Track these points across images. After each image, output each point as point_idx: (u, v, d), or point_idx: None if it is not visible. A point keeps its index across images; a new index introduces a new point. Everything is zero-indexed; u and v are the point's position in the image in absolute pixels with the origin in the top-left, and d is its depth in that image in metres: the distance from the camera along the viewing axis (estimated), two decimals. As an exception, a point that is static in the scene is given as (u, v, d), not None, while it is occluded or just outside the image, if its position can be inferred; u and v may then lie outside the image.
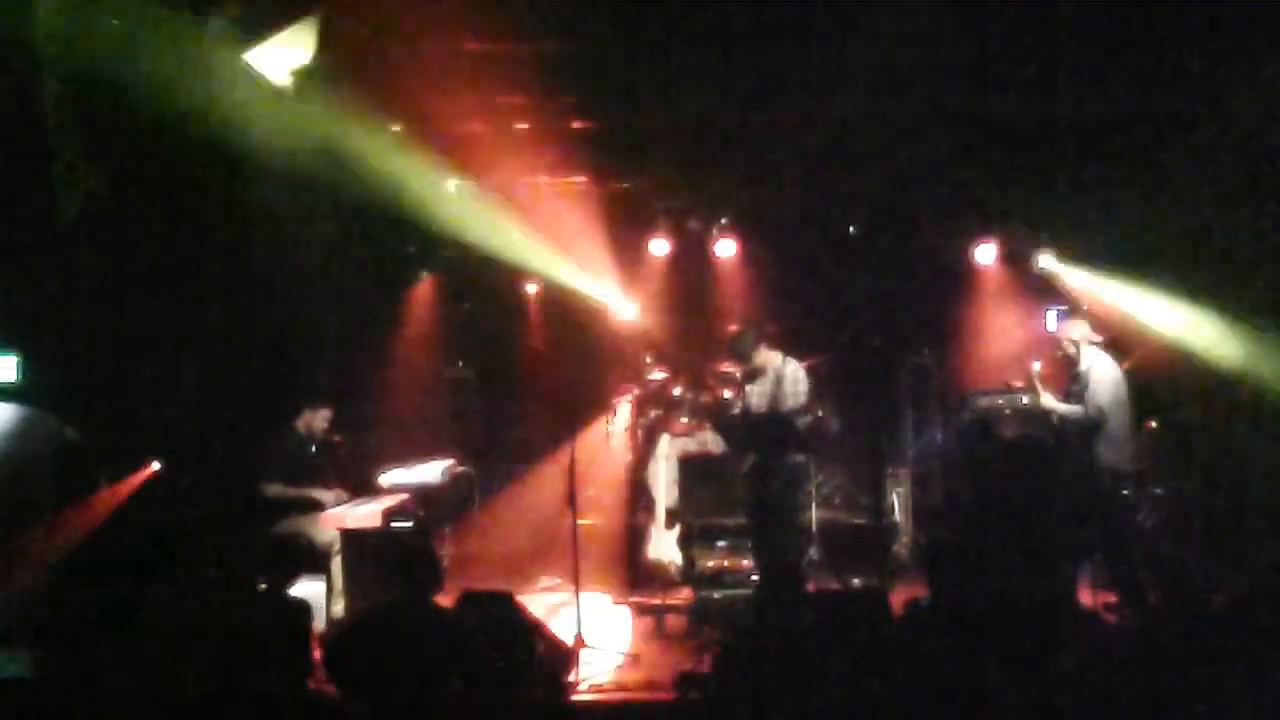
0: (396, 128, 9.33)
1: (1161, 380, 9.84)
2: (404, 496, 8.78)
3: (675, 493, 9.73)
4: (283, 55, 8.06)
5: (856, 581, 8.72)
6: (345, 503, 8.40)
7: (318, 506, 8.26)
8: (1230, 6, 7.92)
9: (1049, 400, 8.20)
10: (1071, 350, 8.15)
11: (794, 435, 8.15)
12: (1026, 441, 8.58)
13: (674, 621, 8.49)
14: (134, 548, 7.44)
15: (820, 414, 8.86)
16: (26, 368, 7.83)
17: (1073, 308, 9.83)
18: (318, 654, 5.99)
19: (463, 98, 9.17)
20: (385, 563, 7.45)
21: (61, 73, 7.33)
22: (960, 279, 11.06)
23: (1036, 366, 8.36)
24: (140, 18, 7.28)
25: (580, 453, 8.12)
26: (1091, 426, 7.91)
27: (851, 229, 10.96)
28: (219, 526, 7.89)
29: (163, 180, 7.86)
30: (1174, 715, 5.24)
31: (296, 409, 8.70)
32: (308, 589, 7.71)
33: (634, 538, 9.94)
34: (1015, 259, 10.84)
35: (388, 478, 8.96)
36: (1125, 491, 9.69)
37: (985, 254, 10.86)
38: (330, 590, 7.95)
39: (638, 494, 10.09)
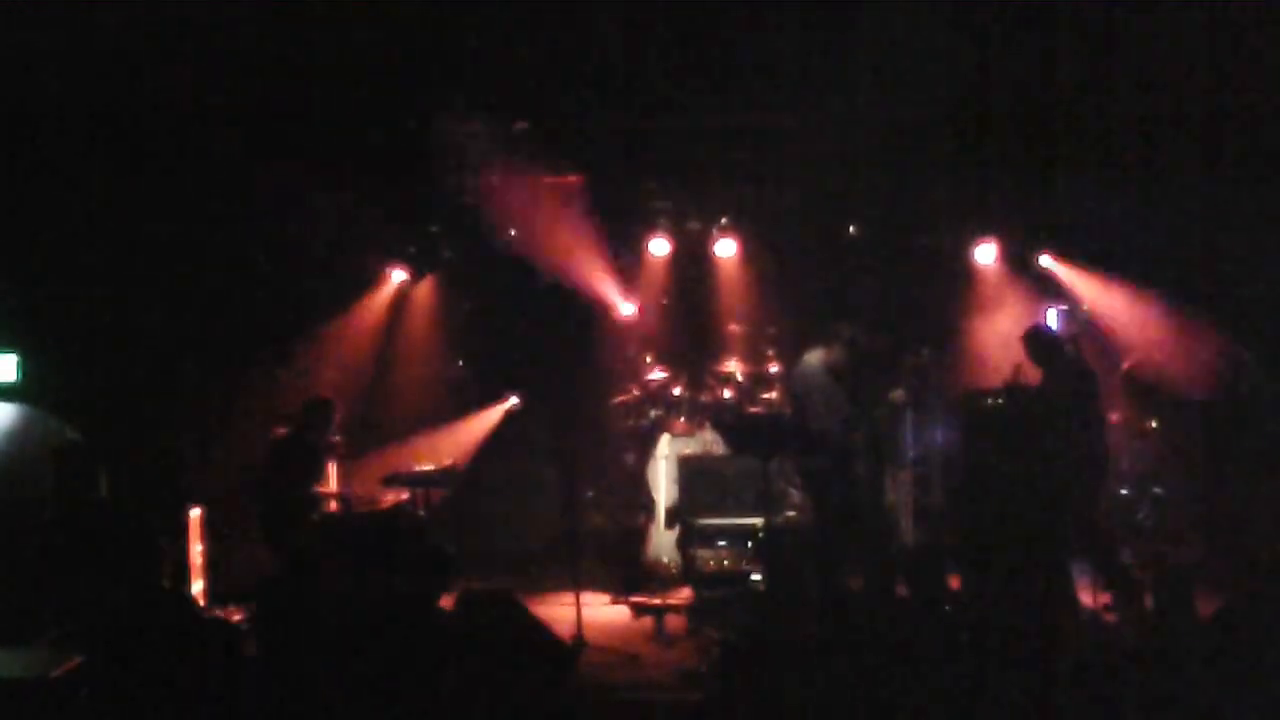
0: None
1: (1161, 380, 9.87)
2: (404, 496, 8.79)
3: (675, 493, 9.72)
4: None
5: (856, 581, 8.71)
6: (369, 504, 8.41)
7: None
8: (1230, 6, 7.93)
9: None
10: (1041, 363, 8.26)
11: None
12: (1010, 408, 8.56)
13: (674, 621, 8.49)
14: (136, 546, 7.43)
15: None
16: (26, 368, 7.84)
17: (1072, 308, 9.86)
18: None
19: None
20: (388, 560, 7.46)
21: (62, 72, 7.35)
22: (960, 279, 11.06)
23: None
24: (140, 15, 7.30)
25: (580, 453, 8.12)
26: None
27: (852, 229, 10.95)
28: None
29: (163, 180, 7.88)
30: (1174, 715, 5.24)
31: (294, 410, 8.70)
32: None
33: (634, 538, 9.94)
34: (1015, 259, 10.84)
35: (388, 478, 8.96)
36: (1124, 491, 9.74)
37: (985, 254, 10.85)
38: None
39: (638, 494, 10.09)
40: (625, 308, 11.21)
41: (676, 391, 10.35)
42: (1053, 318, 10.24)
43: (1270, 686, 5.10)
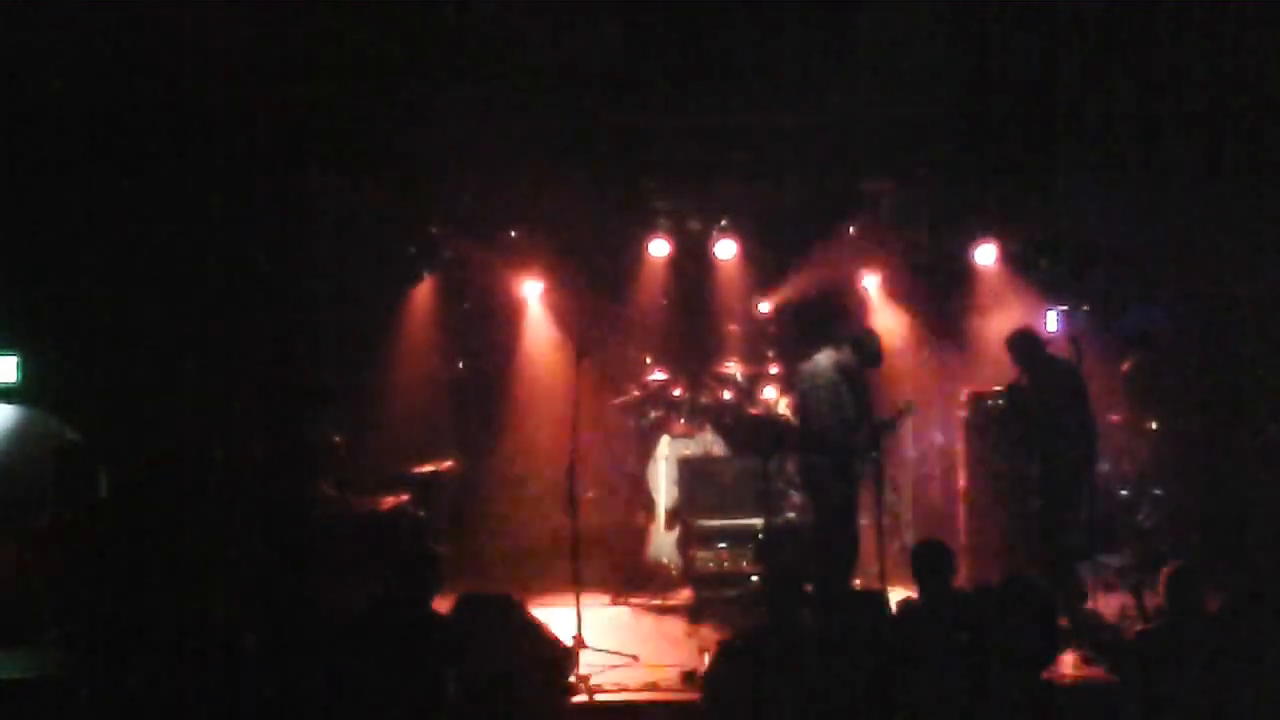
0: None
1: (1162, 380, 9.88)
2: (404, 496, 8.79)
3: (675, 493, 9.73)
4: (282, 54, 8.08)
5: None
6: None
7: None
8: (1228, 6, 7.92)
9: None
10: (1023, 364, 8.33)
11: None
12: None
13: (674, 621, 8.50)
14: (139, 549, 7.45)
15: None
16: (26, 368, 7.84)
17: (1073, 309, 9.88)
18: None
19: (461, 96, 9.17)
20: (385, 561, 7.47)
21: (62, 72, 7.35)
22: (960, 279, 11.06)
23: None
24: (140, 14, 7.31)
25: (580, 453, 8.12)
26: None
27: (851, 229, 10.96)
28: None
29: (163, 180, 7.88)
30: (1174, 715, 5.24)
31: (296, 410, 8.71)
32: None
33: (634, 538, 9.94)
34: (1015, 259, 10.84)
35: (388, 478, 8.97)
36: (1124, 492, 9.74)
37: (985, 254, 10.86)
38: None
39: (638, 494, 10.09)
40: (626, 308, 11.22)
41: (676, 392, 10.36)
42: (1053, 318, 10.25)
43: (1270, 686, 5.11)
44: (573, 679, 7.02)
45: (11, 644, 6.81)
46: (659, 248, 11.09)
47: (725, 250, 11.01)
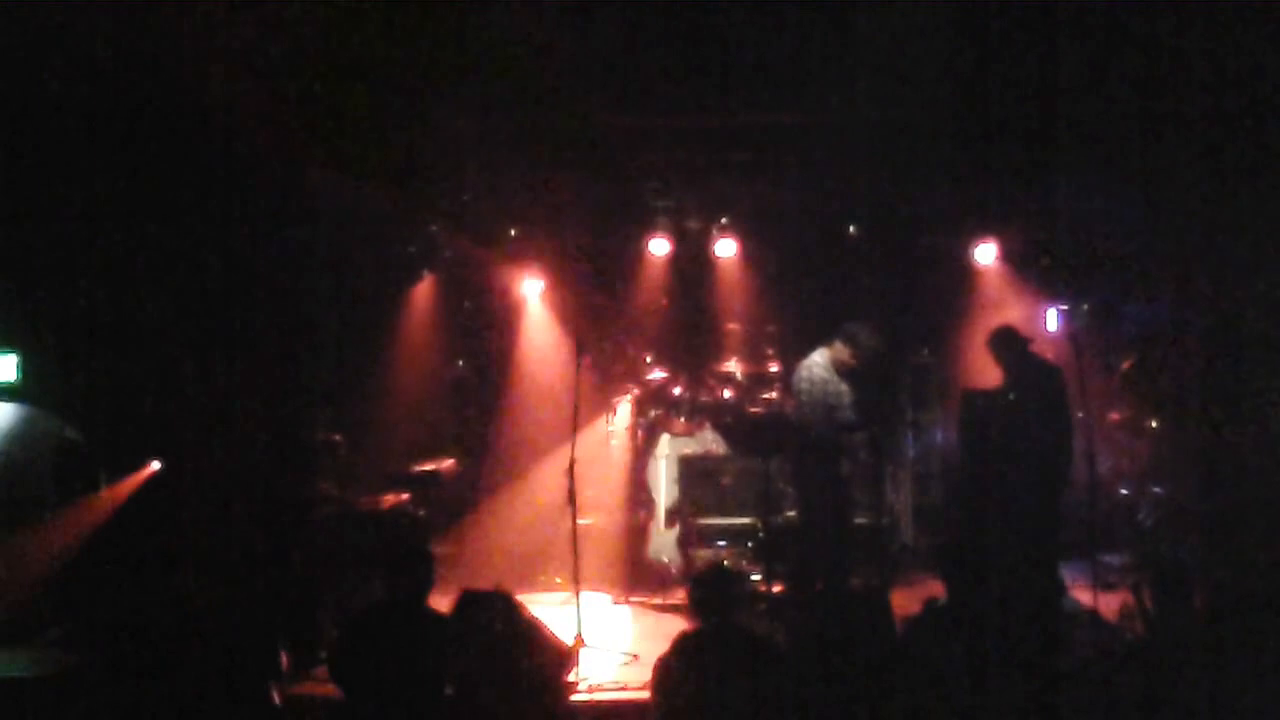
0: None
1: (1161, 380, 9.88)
2: (404, 496, 8.79)
3: (675, 493, 9.72)
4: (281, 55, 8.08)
5: (856, 581, 8.72)
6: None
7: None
8: (1228, 6, 7.92)
9: None
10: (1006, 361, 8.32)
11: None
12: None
13: (674, 621, 8.49)
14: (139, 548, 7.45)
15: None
16: (26, 368, 7.84)
17: (1072, 308, 9.87)
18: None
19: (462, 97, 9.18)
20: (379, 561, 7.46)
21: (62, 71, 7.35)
22: (960, 279, 11.06)
23: None
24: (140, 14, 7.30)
25: (580, 453, 8.12)
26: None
27: (852, 229, 10.95)
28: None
29: (163, 179, 7.87)
30: (1174, 715, 5.24)
31: (296, 410, 8.70)
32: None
33: (634, 538, 9.94)
34: (1015, 259, 10.84)
35: (388, 478, 8.98)
36: (1124, 492, 9.74)
37: (985, 254, 10.85)
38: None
39: (638, 494, 10.09)
40: (624, 308, 11.23)
41: (676, 391, 10.36)
42: (1052, 318, 10.25)
43: (1268, 687, 5.10)
44: (572, 679, 7.02)
45: (11, 644, 6.81)
46: (659, 247, 11.09)
47: (725, 250, 11.02)
